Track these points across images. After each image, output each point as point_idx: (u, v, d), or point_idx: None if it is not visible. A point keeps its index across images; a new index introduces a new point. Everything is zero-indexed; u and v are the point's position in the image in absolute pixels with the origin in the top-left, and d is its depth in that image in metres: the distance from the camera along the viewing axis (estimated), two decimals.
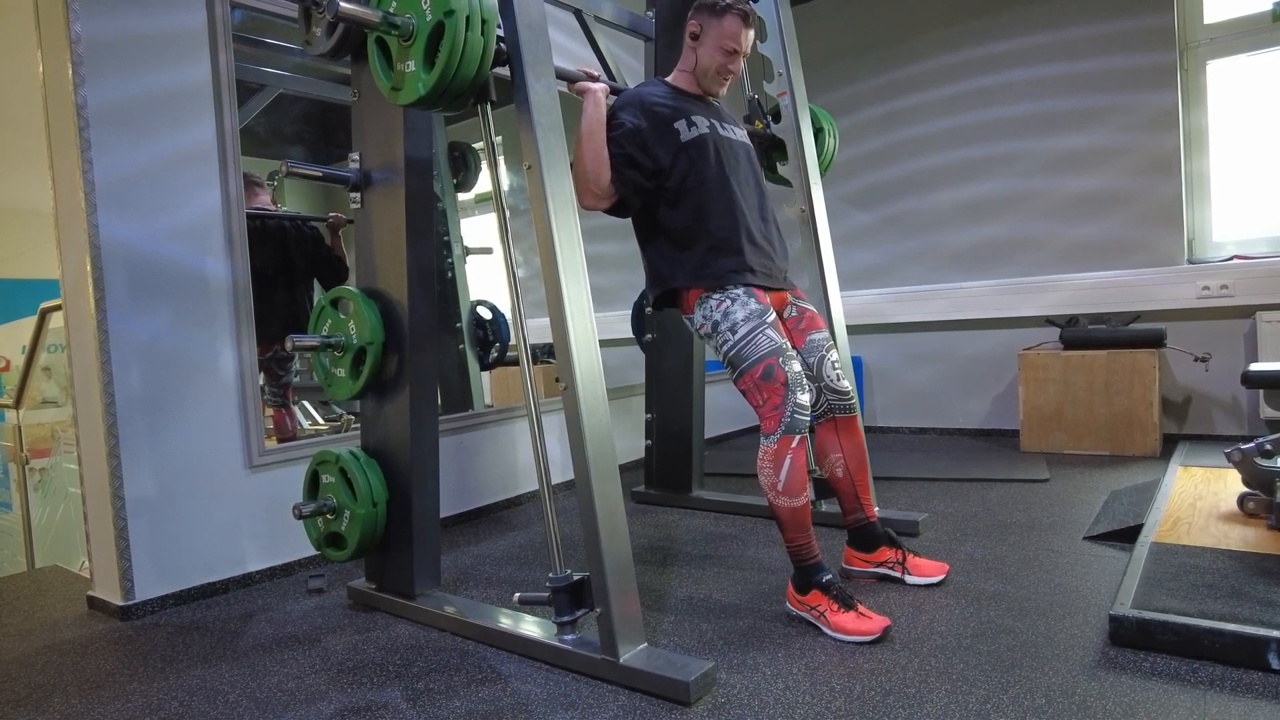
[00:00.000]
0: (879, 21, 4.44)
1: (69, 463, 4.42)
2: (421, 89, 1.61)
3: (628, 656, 1.57)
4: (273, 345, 2.76)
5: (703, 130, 1.96)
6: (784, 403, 1.77)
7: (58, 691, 1.72)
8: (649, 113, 1.95)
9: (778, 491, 1.78)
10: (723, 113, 2.13)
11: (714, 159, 1.96)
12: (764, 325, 1.86)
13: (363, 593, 2.15)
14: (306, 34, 2.02)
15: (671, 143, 1.93)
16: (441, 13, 1.56)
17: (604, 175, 1.88)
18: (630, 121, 1.92)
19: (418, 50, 1.61)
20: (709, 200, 1.93)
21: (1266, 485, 2.15)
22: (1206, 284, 3.55)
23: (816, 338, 2.05)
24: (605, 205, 1.93)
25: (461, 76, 1.59)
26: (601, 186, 1.89)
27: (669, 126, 1.94)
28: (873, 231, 4.48)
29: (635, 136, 1.91)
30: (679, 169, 1.93)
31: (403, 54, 1.65)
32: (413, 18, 1.61)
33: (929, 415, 4.39)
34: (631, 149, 1.90)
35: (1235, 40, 3.59)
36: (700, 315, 1.93)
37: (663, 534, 2.67)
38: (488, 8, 1.60)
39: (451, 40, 1.55)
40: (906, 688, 1.49)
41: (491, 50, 1.63)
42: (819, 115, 2.87)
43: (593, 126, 1.89)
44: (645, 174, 1.92)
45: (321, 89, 3.42)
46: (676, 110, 1.98)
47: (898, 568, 2.03)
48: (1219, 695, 1.39)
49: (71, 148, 2.09)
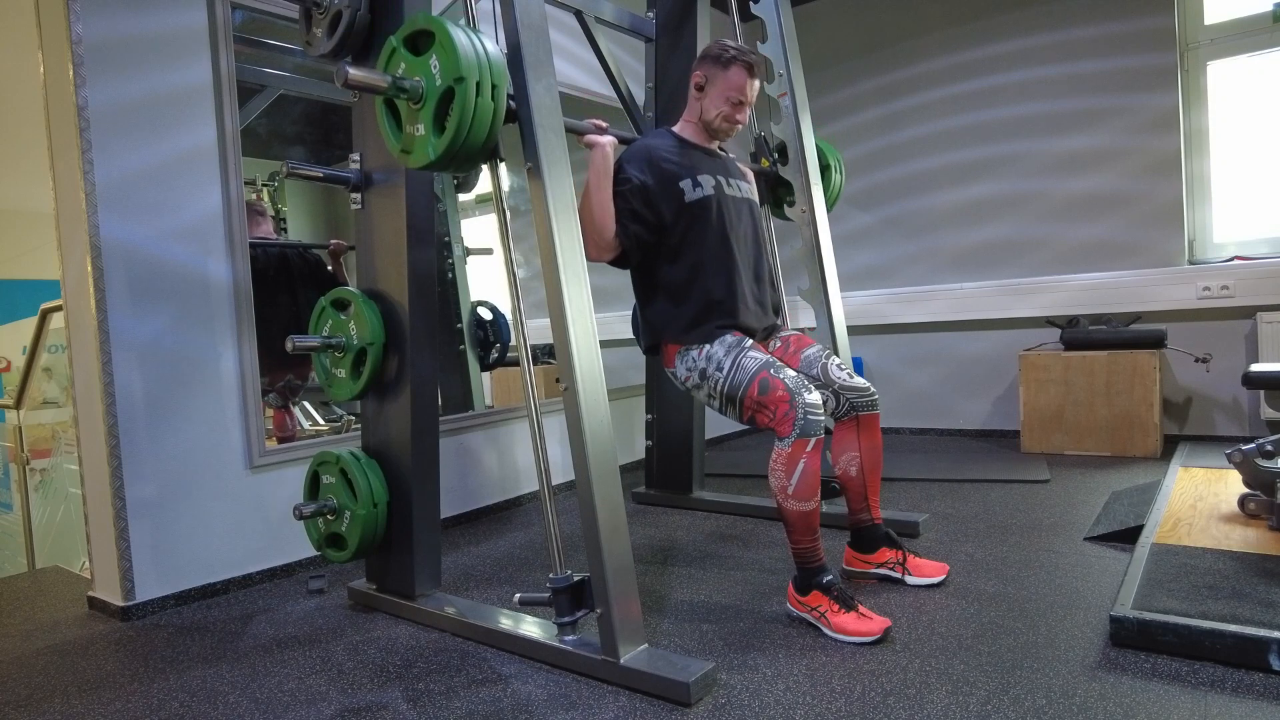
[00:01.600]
0: (880, 22, 4.44)
1: (70, 463, 4.43)
2: (432, 154, 1.59)
3: (628, 657, 1.57)
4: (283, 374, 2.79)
5: (707, 191, 1.98)
6: (793, 406, 1.76)
7: (58, 692, 1.72)
8: (655, 168, 1.97)
9: (787, 494, 1.77)
10: (729, 165, 2.14)
11: (716, 220, 1.98)
12: (745, 350, 1.89)
13: (363, 593, 2.15)
14: (307, 35, 2.02)
15: (676, 201, 1.95)
16: (452, 79, 1.53)
17: (609, 229, 1.91)
18: (636, 177, 1.94)
19: (427, 114, 1.59)
20: (707, 260, 1.96)
21: (1267, 486, 2.15)
22: (1207, 285, 3.55)
23: (810, 353, 2.07)
24: (608, 258, 1.96)
25: (472, 141, 1.57)
26: (606, 240, 1.91)
27: (674, 184, 1.96)
28: (873, 232, 4.48)
29: (641, 192, 1.93)
30: (680, 227, 1.96)
31: (412, 117, 1.62)
32: (422, 81, 1.58)
33: (929, 416, 4.39)
34: (637, 204, 1.93)
35: (1236, 41, 3.59)
36: (684, 368, 1.97)
37: (663, 535, 2.67)
38: (497, 71, 1.58)
39: (462, 106, 1.53)
40: (907, 688, 1.49)
41: (502, 113, 1.61)
42: (826, 151, 2.88)
43: (600, 179, 1.91)
44: (649, 229, 1.95)
45: (322, 90, 3.42)
46: (683, 167, 1.99)
47: (898, 568, 2.03)
48: (1220, 696, 1.39)
49: (72, 149, 2.09)
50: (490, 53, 1.58)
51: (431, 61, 1.57)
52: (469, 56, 1.53)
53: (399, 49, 1.63)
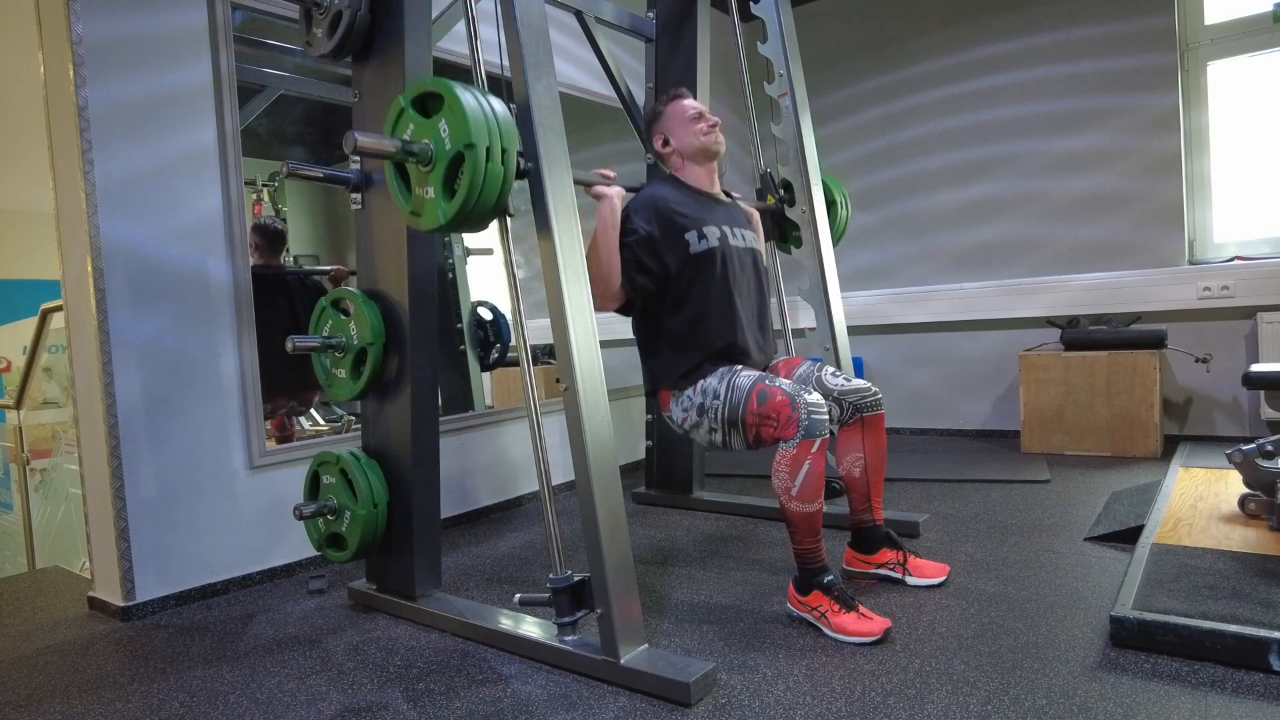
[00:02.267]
0: (880, 22, 4.44)
1: (70, 463, 4.43)
2: (442, 218, 1.58)
3: (628, 657, 1.57)
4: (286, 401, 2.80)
5: (712, 243, 2.00)
6: (794, 408, 1.75)
7: (58, 692, 1.72)
8: (661, 219, 1.99)
9: (791, 496, 1.77)
10: (734, 213, 2.17)
11: (720, 272, 2.00)
12: (736, 372, 1.91)
13: (363, 594, 2.15)
14: (307, 35, 2.02)
15: (681, 252, 1.97)
16: (461, 144, 1.52)
17: (615, 279, 1.93)
18: (643, 228, 1.96)
19: (437, 178, 1.57)
20: (709, 311, 1.98)
21: (1267, 486, 2.15)
22: (1207, 285, 3.54)
23: (802, 370, 2.09)
24: (613, 307, 1.98)
25: (483, 205, 1.56)
26: (612, 290, 1.93)
27: (680, 236, 1.98)
28: (874, 232, 4.48)
29: (647, 243, 1.95)
30: (685, 278, 1.97)
31: (421, 179, 1.61)
32: (430, 144, 1.57)
33: (930, 416, 4.39)
34: (643, 255, 1.95)
35: (1236, 41, 3.59)
36: (679, 410, 1.99)
37: (663, 535, 2.67)
38: (507, 134, 1.57)
39: (472, 172, 1.52)
40: (907, 689, 1.49)
41: (512, 176, 1.60)
42: (831, 185, 2.88)
43: (606, 231, 1.93)
44: (654, 280, 1.97)
45: (322, 90, 3.42)
46: (689, 218, 2.01)
47: (899, 569, 2.03)
48: (1220, 697, 1.39)
49: (72, 149, 2.09)
50: (499, 115, 1.57)
51: (441, 125, 1.55)
52: (478, 121, 1.52)
53: (407, 110, 1.61)
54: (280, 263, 3.23)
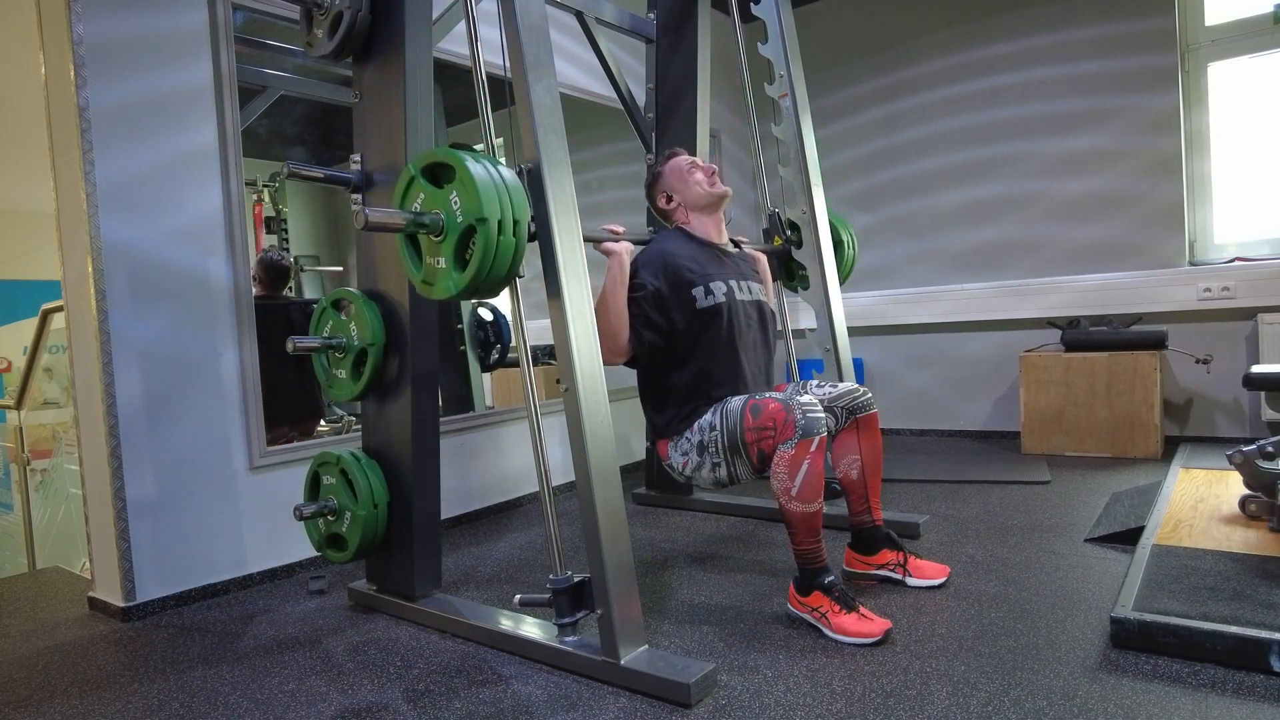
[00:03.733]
0: (880, 23, 4.44)
1: (70, 464, 4.42)
2: (454, 289, 1.57)
3: (629, 658, 1.57)
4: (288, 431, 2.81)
5: (719, 299, 2.00)
6: (789, 411, 1.75)
7: (58, 692, 1.72)
8: (670, 275, 2.00)
9: (791, 496, 1.76)
10: (742, 265, 2.18)
11: (725, 328, 2.00)
12: (726, 401, 1.91)
13: (363, 594, 2.15)
14: (308, 36, 2.02)
15: (688, 307, 1.98)
16: (473, 218, 1.51)
17: (623, 335, 1.94)
18: (651, 284, 1.97)
19: (449, 249, 1.56)
20: (713, 368, 1.98)
21: (1268, 487, 2.15)
22: (1208, 286, 3.54)
23: (790, 390, 2.10)
24: (622, 361, 1.99)
25: (495, 275, 1.56)
26: (620, 345, 1.94)
27: (688, 291, 1.99)
28: (874, 233, 4.48)
29: (655, 299, 1.97)
30: (691, 333, 1.98)
31: (433, 249, 1.60)
32: (441, 215, 1.56)
33: (930, 417, 4.39)
34: (650, 311, 1.96)
35: (1236, 42, 3.59)
36: (678, 455, 1.99)
37: (664, 536, 2.67)
38: (519, 206, 1.56)
39: (484, 245, 1.51)
40: (907, 690, 1.49)
41: (524, 247, 1.60)
42: (838, 225, 2.88)
43: (615, 287, 1.95)
44: (661, 335, 1.98)
45: (323, 91, 3.42)
46: (696, 274, 2.02)
47: (899, 570, 2.03)
48: (1220, 698, 1.39)
49: (73, 149, 2.09)
50: (510, 185, 1.56)
51: (452, 198, 1.55)
52: (489, 194, 1.51)
53: (417, 179, 1.61)
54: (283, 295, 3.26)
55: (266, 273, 3.15)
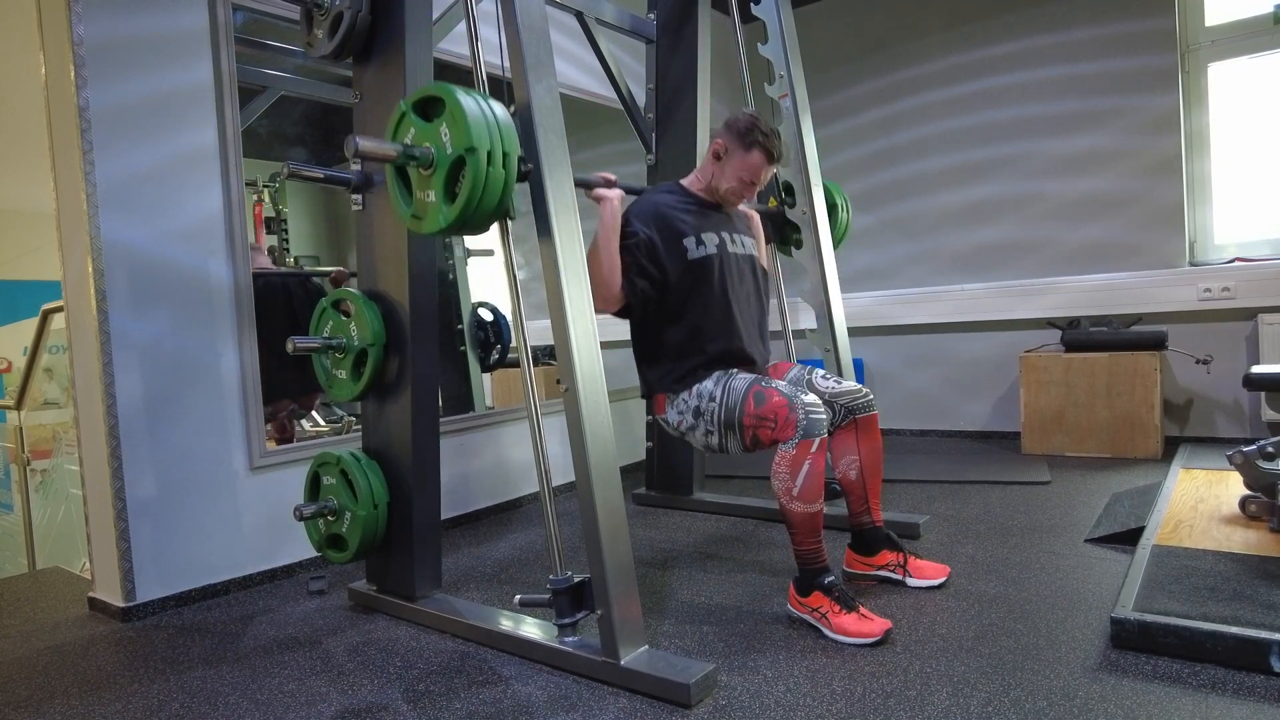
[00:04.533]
0: (880, 24, 4.45)
1: (70, 464, 4.43)
2: (443, 222, 1.58)
3: (629, 658, 1.57)
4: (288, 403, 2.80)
5: (710, 250, 2.00)
6: (792, 409, 1.75)
7: (58, 693, 1.72)
8: (661, 224, 1.99)
9: (792, 496, 1.77)
10: (735, 219, 2.16)
11: (718, 280, 2.00)
12: (732, 375, 1.91)
13: (363, 594, 2.15)
14: (308, 36, 2.02)
15: (679, 258, 1.97)
16: (463, 149, 1.53)
17: (615, 282, 1.93)
18: (643, 232, 1.97)
19: (438, 182, 1.58)
20: (707, 321, 1.98)
21: (1268, 488, 2.14)
22: (1208, 286, 3.54)
23: (792, 374, 2.09)
24: (614, 309, 1.98)
25: (484, 208, 1.57)
26: (612, 294, 1.93)
27: (679, 241, 1.98)
28: (874, 233, 4.48)
29: (647, 247, 1.96)
30: (683, 286, 1.98)
31: (423, 183, 1.62)
32: (431, 148, 1.58)
33: (930, 417, 4.39)
34: (643, 259, 1.95)
35: (1236, 42, 3.59)
36: (674, 412, 1.99)
37: (664, 536, 2.67)
38: (508, 138, 1.57)
39: (473, 176, 1.52)
40: (908, 690, 1.49)
41: (514, 180, 1.61)
42: (832, 190, 2.89)
43: (608, 234, 1.94)
44: (653, 284, 1.97)
45: (323, 91, 3.42)
46: (688, 224, 2.01)
47: (899, 570, 2.03)
48: (1221, 698, 1.39)
49: (74, 149, 2.09)
50: (501, 119, 1.57)
51: (442, 130, 1.56)
52: (479, 126, 1.52)
53: (409, 114, 1.62)
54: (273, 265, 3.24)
55: None
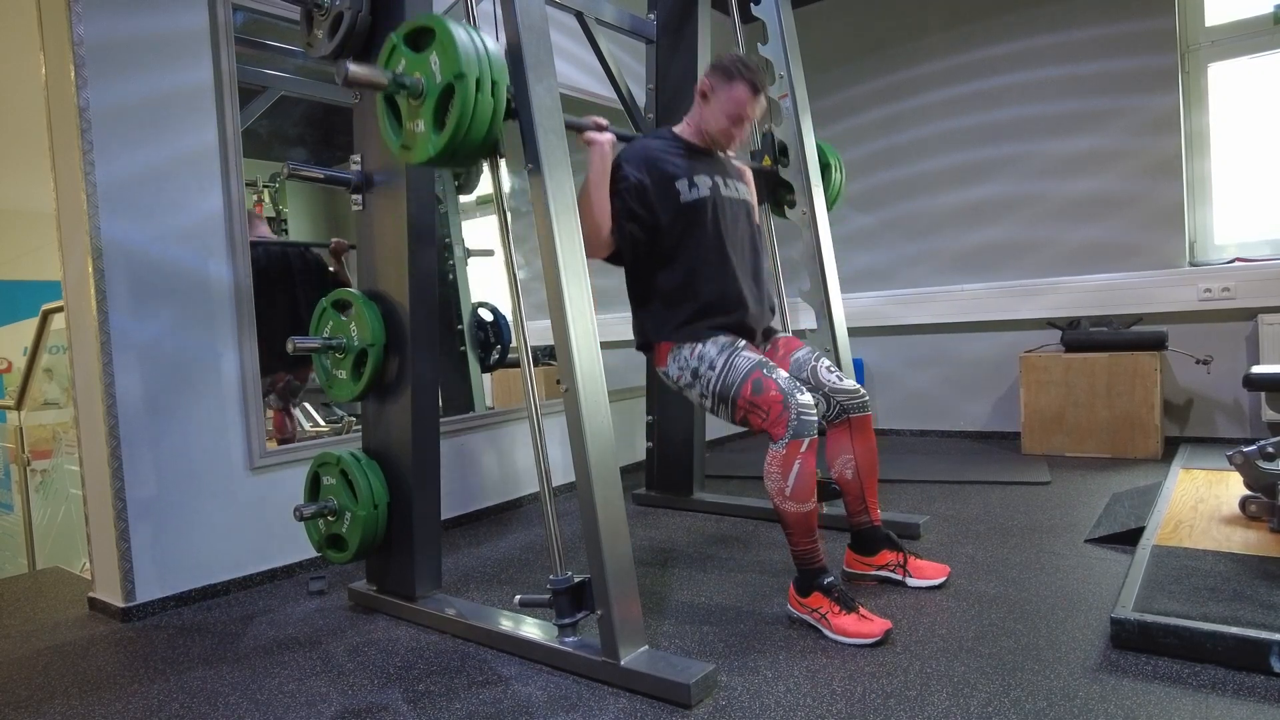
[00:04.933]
0: (881, 24, 4.45)
1: (70, 464, 4.43)
2: (432, 150, 1.60)
3: (629, 659, 1.57)
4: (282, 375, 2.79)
5: (703, 193, 1.98)
6: (786, 407, 1.76)
7: (58, 693, 1.72)
8: (653, 168, 1.97)
9: (785, 496, 1.77)
10: (727, 166, 2.14)
11: (711, 222, 1.97)
12: (738, 350, 1.89)
13: (364, 595, 2.15)
14: (308, 36, 2.02)
15: (672, 201, 1.95)
16: (451, 75, 1.54)
17: (605, 227, 1.92)
18: (634, 176, 1.95)
19: (428, 110, 1.60)
20: (702, 264, 1.96)
21: (1268, 488, 2.14)
22: (1208, 286, 3.54)
23: (800, 355, 2.07)
24: (604, 255, 1.97)
25: (472, 137, 1.58)
26: (602, 238, 1.92)
27: (671, 184, 1.96)
28: (874, 234, 4.48)
29: (637, 191, 1.94)
30: (676, 230, 1.96)
31: (412, 113, 1.63)
32: (422, 78, 1.59)
33: (930, 417, 4.39)
34: (633, 204, 1.93)
35: (1236, 43, 3.59)
36: (675, 367, 1.97)
37: (664, 536, 2.67)
38: (497, 68, 1.59)
39: (462, 103, 1.54)
40: (908, 690, 1.49)
41: (502, 110, 1.62)
42: (825, 151, 2.88)
43: (598, 178, 1.92)
44: (644, 228, 1.96)
45: (323, 91, 3.42)
46: (679, 168, 1.99)
47: (899, 570, 2.02)
48: (1221, 698, 1.39)
49: (74, 150, 2.09)
50: (490, 50, 1.59)
51: (431, 59, 1.58)
52: (469, 54, 1.54)
53: (399, 46, 1.64)
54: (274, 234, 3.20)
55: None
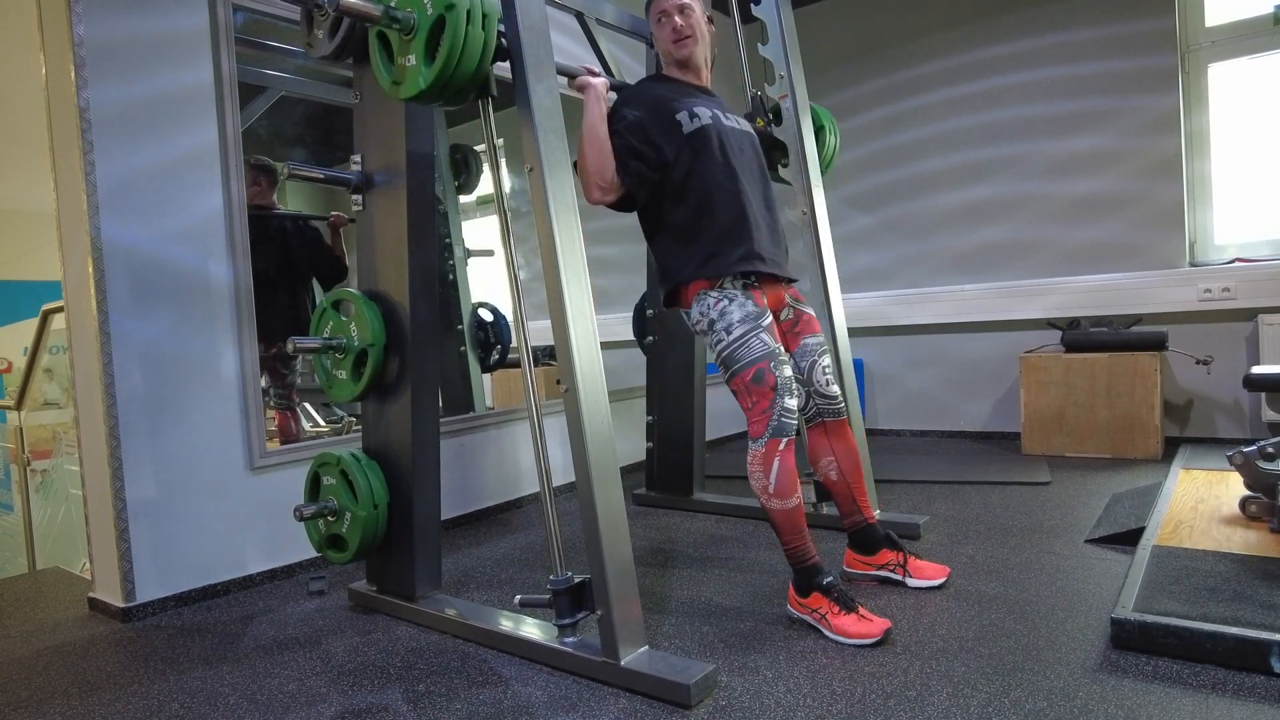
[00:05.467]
0: (881, 24, 4.45)
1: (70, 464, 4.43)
2: (422, 83, 1.62)
3: (629, 659, 1.57)
4: (275, 344, 2.77)
5: (705, 121, 1.94)
6: (772, 407, 1.78)
7: (58, 693, 1.72)
8: (651, 104, 1.95)
9: (769, 494, 1.79)
10: (724, 103, 2.12)
11: (718, 149, 1.93)
12: (759, 329, 1.85)
13: (364, 595, 2.15)
14: (308, 36, 2.02)
15: (675, 134, 1.92)
16: (442, 7, 1.57)
17: (608, 168, 1.87)
18: (631, 114, 1.93)
19: (419, 45, 1.62)
20: (714, 191, 1.91)
21: (1268, 488, 2.14)
22: (1208, 287, 3.54)
23: (810, 342, 2.05)
24: (612, 198, 1.91)
25: (462, 71, 1.60)
26: (606, 180, 1.87)
27: (671, 118, 1.93)
28: (874, 234, 4.48)
29: (637, 128, 1.91)
30: (683, 161, 1.91)
31: (404, 48, 1.66)
32: (413, 13, 1.62)
33: (930, 418, 4.39)
34: (635, 140, 1.89)
35: (1236, 43, 3.59)
36: (697, 311, 1.91)
37: (664, 536, 2.67)
38: (489, 2, 1.62)
39: (452, 34, 1.56)
40: (908, 691, 1.48)
41: (493, 45, 1.64)
42: (819, 114, 2.86)
43: (594, 120, 1.89)
44: (650, 165, 1.91)
45: (323, 91, 3.42)
46: (678, 101, 1.97)
47: (899, 570, 2.02)
48: (1221, 699, 1.39)
49: (74, 150, 2.09)
50: None
51: None
52: None
53: None
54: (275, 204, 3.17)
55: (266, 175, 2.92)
